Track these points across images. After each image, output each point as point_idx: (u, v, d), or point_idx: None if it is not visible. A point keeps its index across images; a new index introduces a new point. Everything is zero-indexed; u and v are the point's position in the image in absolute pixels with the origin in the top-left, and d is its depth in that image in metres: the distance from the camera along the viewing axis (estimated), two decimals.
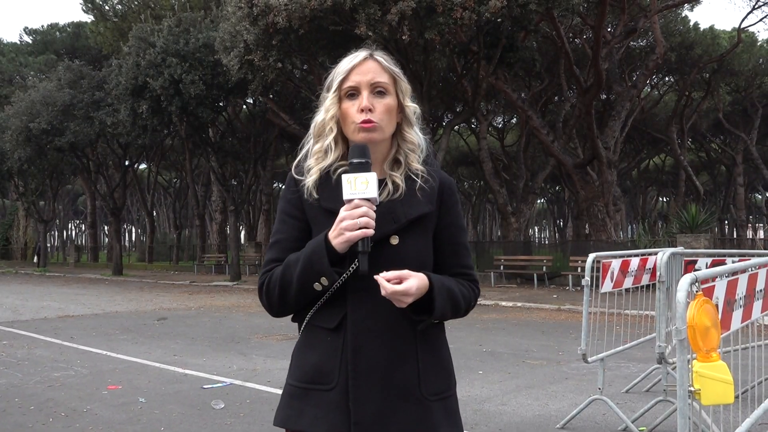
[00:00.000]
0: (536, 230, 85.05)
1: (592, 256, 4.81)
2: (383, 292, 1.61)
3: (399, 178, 1.77)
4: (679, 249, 4.98)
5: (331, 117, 1.78)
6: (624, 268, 5.39)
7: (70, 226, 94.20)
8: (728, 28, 32.32)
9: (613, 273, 5.17)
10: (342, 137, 1.81)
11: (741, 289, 3.19)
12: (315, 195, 1.74)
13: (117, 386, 6.92)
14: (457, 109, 27.54)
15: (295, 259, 1.69)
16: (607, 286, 5.10)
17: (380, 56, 1.80)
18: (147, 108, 20.79)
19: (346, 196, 1.63)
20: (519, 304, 15.02)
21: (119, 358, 8.63)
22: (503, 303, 15.28)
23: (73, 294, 19.65)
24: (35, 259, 41.80)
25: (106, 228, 70.97)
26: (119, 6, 26.57)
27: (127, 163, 32.18)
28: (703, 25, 35.88)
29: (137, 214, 68.61)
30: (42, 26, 37.61)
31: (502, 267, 20.22)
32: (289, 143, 31.85)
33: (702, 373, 2.51)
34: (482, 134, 28.57)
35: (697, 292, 2.65)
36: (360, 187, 1.62)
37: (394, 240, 1.72)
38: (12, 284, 24.70)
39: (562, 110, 28.25)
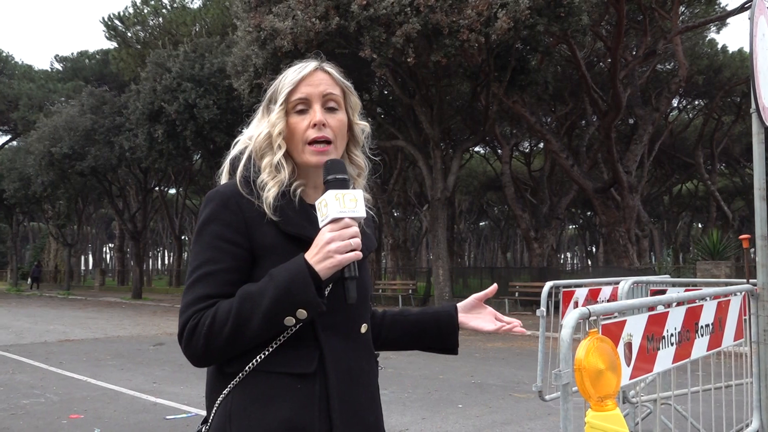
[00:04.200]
0: (568, 256, 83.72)
1: (548, 285, 4.46)
2: (518, 329, 1.73)
3: None
4: (647, 278, 4.60)
5: (279, 133, 1.51)
6: (593, 297, 5.01)
7: (104, 250, 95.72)
8: None
9: (577, 302, 4.80)
10: (290, 155, 1.55)
11: (673, 324, 2.82)
12: (273, 216, 1.45)
13: (79, 415, 6.71)
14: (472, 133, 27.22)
15: (257, 290, 1.38)
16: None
17: (330, 68, 1.58)
18: (163, 132, 20.93)
19: (333, 215, 1.37)
20: (529, 333, 14.48)
21: (96, 385, 8.44)
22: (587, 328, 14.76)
23: (84, 317, 19.67)
24: (28, 281, 42.50)
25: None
26: (141, 33, 26.99)
27: (153, 186, 32.49)
28: (732, 48, 35.14)
29: (168, 239, 69.39)
30: (72, 54, 38.60)
31: (517, 294, 19.70)
32: None
33: (593, 425, 2.16)
34: (505, 158, 28.24)
35: (590, 329, 2.31)
36: (349, 205, 1.39)
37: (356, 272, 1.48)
38: (31, 307, 24.89)
39: (586, 134, 27.76)
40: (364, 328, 1.55)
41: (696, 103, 33.88)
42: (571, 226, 67.56)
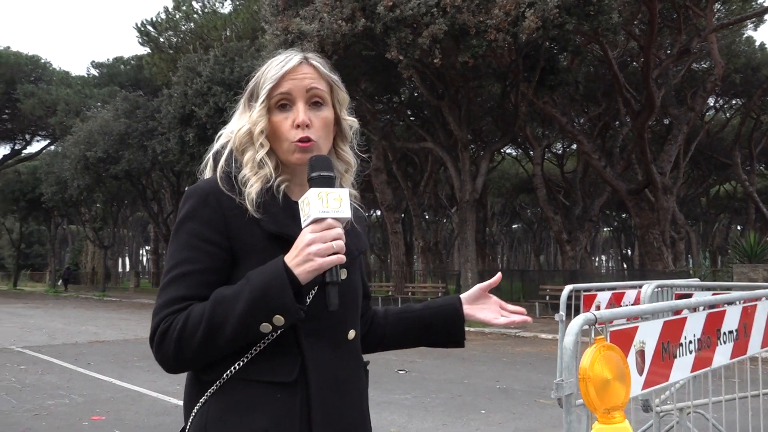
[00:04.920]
0: (603, 259, 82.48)
1: (568, 288, 4.32)
2: (520, 320, 1.66)
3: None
4: (672, 281, 4.42)
5: (261, 131, 1.43)
6: (616, 301, 4.85)
7: (141, 252, 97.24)
8: None
9: (599, 306, 4.65)
10: (274, 153, 1.47)
11: (692, 330, 2.68)
12: (256, 213, 1.37)
13: (101, 417, 6.74)
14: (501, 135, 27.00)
15: (232, 294, 1.30)
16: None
17: (316, 60, 1.49)
18: (194, 136, 21.13)
19: (315, 215, 1.28)
20: (551, 337, 14.27)
21: (121, 387, 8.50)
22: (543, 335, 14.54)
23: (117, 319, 19.93)
24: (59, 282, 43.30)
25: None
26: (173, 38, 27.33)
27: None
28: None
29: None
30: (108, 60, 39.21)
31: (548, 297, 19.42)
32: None
33: None
34: (536, 160, 27.95)
35: (597, 336, 2.19)
36: (333, 205, 1.30)
37: (344, 274, 1.39)
38: (66, 308, 25.34)
39: (619, 135, 27.32)
40: (351, 335, 1.46)
41: (733, 102, 33.12)
42: (605, 229, 66.58)
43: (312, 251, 1.27)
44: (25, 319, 19.54)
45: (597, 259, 77.06)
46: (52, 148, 39.04)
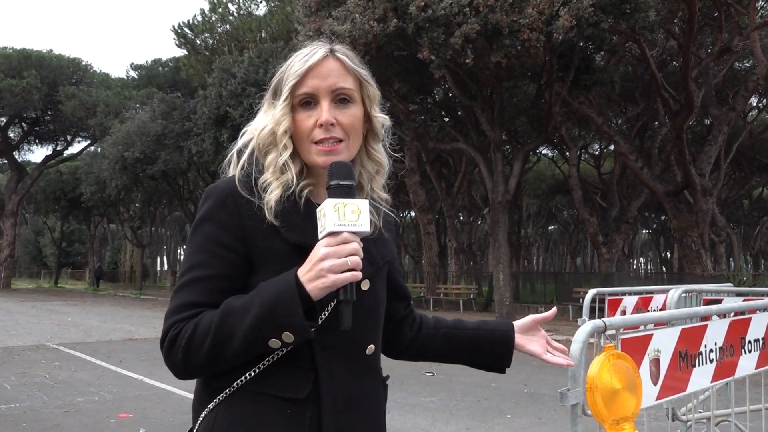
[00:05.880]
0: (641, 262, 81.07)
1: (592, 292, 4.21)
2: (565, 363, 1.63)
3: (371, 212, 1.37)
4: (699, 286, 4.28)
5: (284, 132, 1.36)
6: (644, 306, 4.72)
7: (178, 251, 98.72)
8: None
9: (625, 311, 4.53)
10: (298, 154, 1.40)
11: (713, 338, 2.57)
12: (275, 221, 1.31)
13: (128, 414, 6.81)
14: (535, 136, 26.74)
15: (241, 306, 1.24)
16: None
17: (343, 54, 1.39)
18: (228, 137, 21.31)
19: (330, 228, 1.21)
20: (592, 341, 14.00)
21: (150, 384, 8.59)
22: (602, 342, 14.30)
23: (152, 317, 20.22)
24: (88, 280, 44.05)
25: None
26: (209, 40, 27.65)
27: None
28: None
29: None
30: (146, 62, 39.81)
31: (581, 300, 19.10)
32: None
33: None
34: (572, 161, 27.61)
35: (606, 343, 2.11)
36: (350, 217, 1.23)
37: (365, 285, 1.36)
38: (103, 306, 25.81)
39: (658, 136, 26.80)
40: (370, 350, 1.40)
41: None
42: (644, 231, 65.45)
43: (325, 267, 1.20)
44: (63, 316, 19.95)
45: (635, 262, 75.80)
46: (92, 148, 39.84)
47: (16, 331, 15.35)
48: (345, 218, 1.22)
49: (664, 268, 63.29)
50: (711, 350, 2.55)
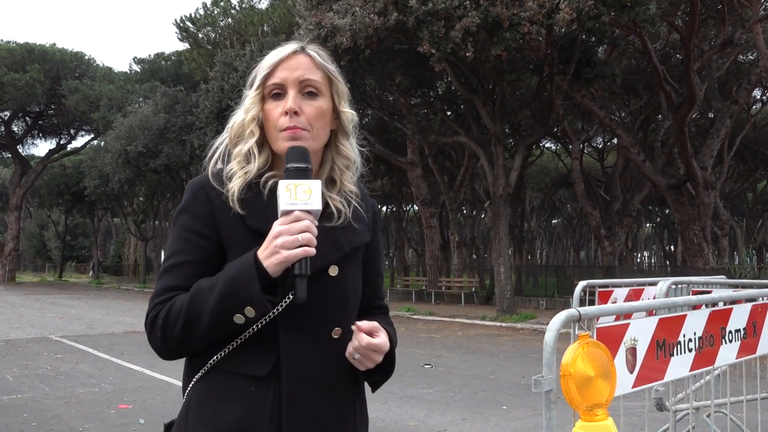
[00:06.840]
0: (645, 255, 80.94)
1: (582, 284, 4.25)
2: (355, 344, 1.38)
3: (339, 202, 1.48)
4: (688, 278, 4.31)
5: (252, 119, 1.45)
6: (636, 298, 4.76)
7: None
8: None
9: (616, 303, 4.56)
10: (267, 143, 1.48)
11: (692, 328, 2.61)
12: (239, 209, 1.39)
13: (128, 405, 6.89)
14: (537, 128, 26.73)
15: (208, 285, 1.33)
16: (606, 318, 4.49)
17: (313, 51, 1.50)
18: None
19: (283, 207, 1.30)
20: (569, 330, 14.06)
21: (150, 376, 8.67)
22: (576, 332, 14.35)
23: None
24: (90, 273, 44.20)
25: None
26: (211, 33, 27.67)
27: None
28: None
29: None
30: (149, 56, 39.82)
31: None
32: (372, 163, 31.90)
33: None
34: (574, 154, 27.61)
35: (580, 332, 2.16)
36: (302, 197, 1.30)
37: (333, 271, 1.43)
38: (106, 299, 25.93)
39: (661, 129, 26.75)
40: (336, 333, 1.43)
41: None
42: (648, 224, 65.34)
43: (278, 243, 1.29)
44: (67, 309, 20.07)
45: (639, 255, 75.67)
46: (96, 142, 39.91)
47: (19, 323, 15.46)
48: (297, 197, 1.30)
49: (667, 262, 63.20)
50: (690, 339, 2.59)
